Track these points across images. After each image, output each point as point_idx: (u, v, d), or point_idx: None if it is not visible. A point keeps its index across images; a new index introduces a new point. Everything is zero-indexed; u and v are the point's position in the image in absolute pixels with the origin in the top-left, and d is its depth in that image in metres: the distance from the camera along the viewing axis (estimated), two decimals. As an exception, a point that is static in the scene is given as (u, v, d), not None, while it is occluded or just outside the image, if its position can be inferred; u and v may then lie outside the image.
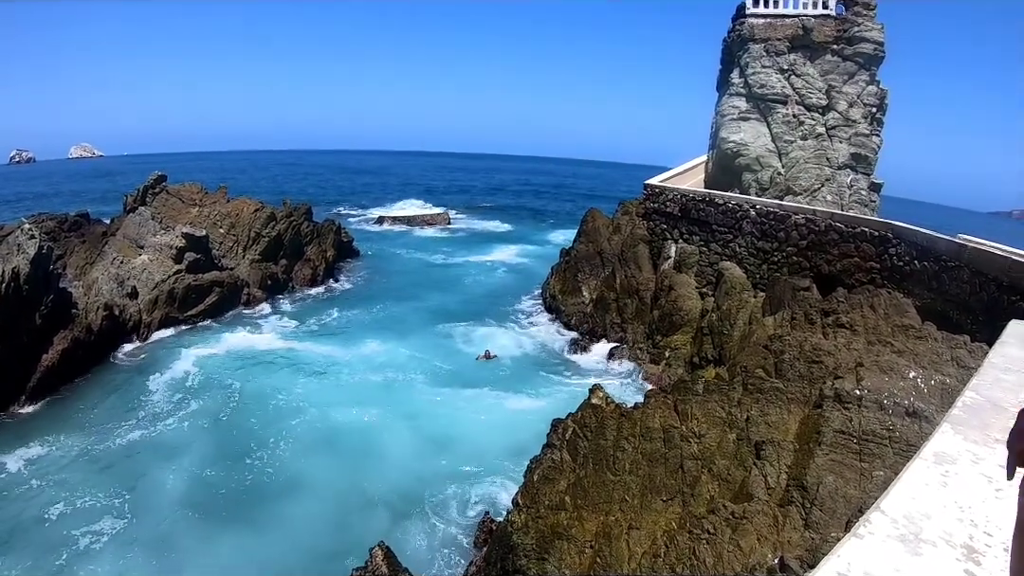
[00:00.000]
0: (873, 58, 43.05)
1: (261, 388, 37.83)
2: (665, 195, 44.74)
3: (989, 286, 23.84)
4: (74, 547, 24.43)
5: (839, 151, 42.83)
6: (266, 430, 33.17)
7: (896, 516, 4.96)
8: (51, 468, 29.62)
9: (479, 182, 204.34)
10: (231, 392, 37.18)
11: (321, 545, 24.63)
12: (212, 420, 34.20)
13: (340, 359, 42.30)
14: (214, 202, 57.21)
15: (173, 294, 45.99)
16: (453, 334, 47.61)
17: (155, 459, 30.38)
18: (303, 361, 41.80)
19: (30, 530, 25.38)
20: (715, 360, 32.72)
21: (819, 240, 34.46)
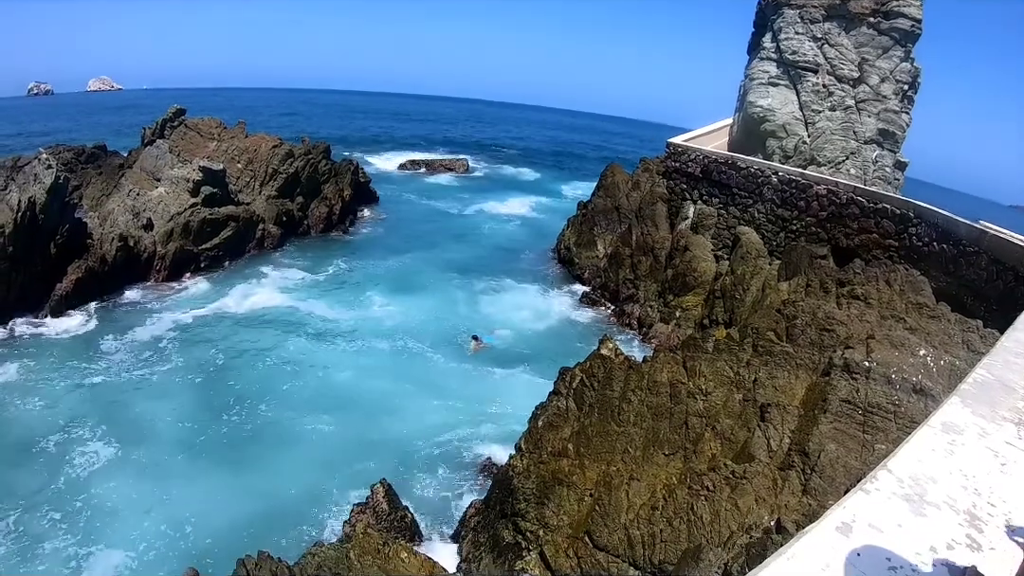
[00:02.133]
0: (909, 34, 42.48)
1: (267, 335, 38.14)
2: (687, 155, 44.52)
3: (1006, 275, 23.85)
4: (68, 469, 25.06)
5: (867, 125, 42.45)
6: (269, 377, 33.43)
7: (902, 476, 5.10)
8: (51, 391, 30.17)
9: (505, 131, 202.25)
10: (237, 339, 37.39)
11: (319, 485, 25.02)
12: (214, 364, 34.41)
13: (350, 309, 42.49)
14: (232, 137, 56.97)
15: (188, 227, 45.94)
16: (464, 286, 47.74)
17: (153, 395, 30.72)
18: (312, 310, 42.00)
19: (25, 450, 25.94)
20: (725, 323, 32.78)
21: (839, 212, 34.37)
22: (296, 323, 40.22)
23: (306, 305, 42.83)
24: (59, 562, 20.78)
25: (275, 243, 52.27)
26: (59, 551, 21.18)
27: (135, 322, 37.75)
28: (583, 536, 16.66)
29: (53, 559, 20.88)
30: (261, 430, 28.72)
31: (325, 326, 40.25)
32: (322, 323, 40.66)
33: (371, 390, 32.63)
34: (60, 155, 50.02)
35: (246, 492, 24.24)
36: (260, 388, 32.29)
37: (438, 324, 40.67)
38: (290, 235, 54.71)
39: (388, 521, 20.15)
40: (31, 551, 21.09)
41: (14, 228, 35.51)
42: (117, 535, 21.93)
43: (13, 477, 24.34)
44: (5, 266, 35.15)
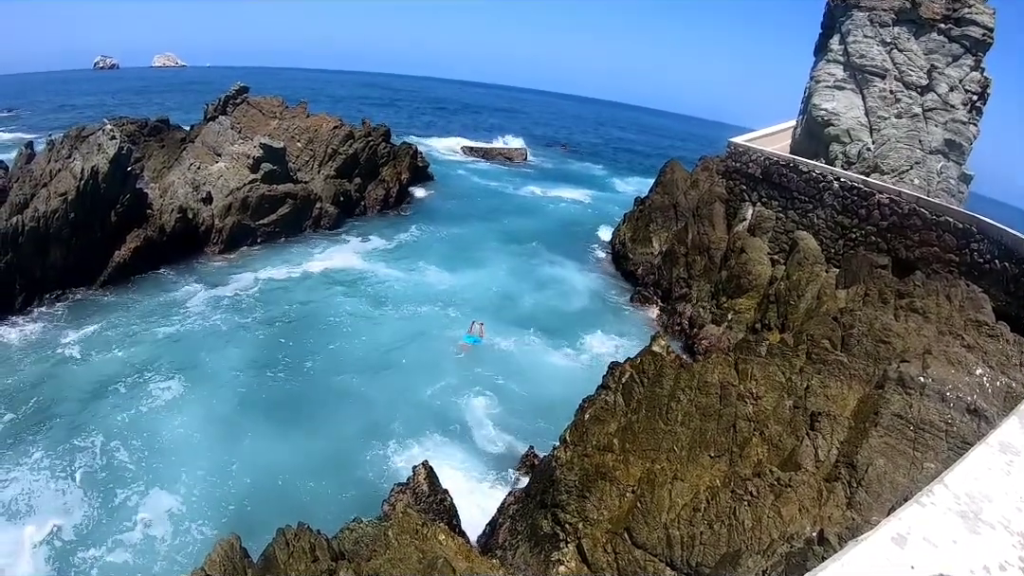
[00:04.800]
0: (980, 43, 41.55)
1: (320, 306, 39.17)
2: (748, 155, 44.19)
3: (1071, 299, 23.30)
4: (137, 411, 27.08)
5: (933, 135, 41.63)
6: (324, 345, 34.47)
7: (958, 492, 5.06)
8: (113, 346, 31.93)
9: (563, 123, 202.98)
10: (290, 306, 38.59)
11: (362, 452, 26.05)
12: (271, 329, 35.67)
13: (400, 285, 43.32)
14: (294, 116, 57.92)
15: (247, 202, 46.79)
16: (515, 272, 48.30)
17: (214, 353, 32.30)
18: (364, 283, 43.04)
19: (96, 394, 27.98)
20: (778, 329, 32.43)
21: (901, 223, 33.86)
22: (350, 290, 41.70)
23: (360, 274, 44.34)
24: (118, 500, 22.38)
25: (331, 222, 53.03)
26: (120, 488, 22.91)
27: (192, 289, 39.08)
28: (622, 532, 16.66)
29: (112, 497, 22.48)
30: (312, 390, 30.12)
31: (378, 293, 41.73)
32: (375, 290, 42.15)
33: (419, 361, 33.65)
34: (124, 127, 51.29)
35: (291, 451, 25.48)
36: (314, 351, 33.73)
37: (488, 303, 41.71)
38: (347, 215, 55.55)
39: (427, 503, 20.32)
40: (95, 487, 22.77)
41: (76, 195, 36.59)
42: (171, 478, 23.56)
43: (89, 415, 26.52)
44: (67, 232, 36.16)
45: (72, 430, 25.22)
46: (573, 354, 36.07)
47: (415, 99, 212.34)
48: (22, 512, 21.23)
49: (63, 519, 21.14)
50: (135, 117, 58.58)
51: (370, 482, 24.16)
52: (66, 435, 24.91)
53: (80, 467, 23.49)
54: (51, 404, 26.69)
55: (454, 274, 46.22)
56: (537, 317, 40.28)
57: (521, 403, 30.35)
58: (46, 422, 25.57)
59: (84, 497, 22.16)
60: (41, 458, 23.57)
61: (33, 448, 24.06)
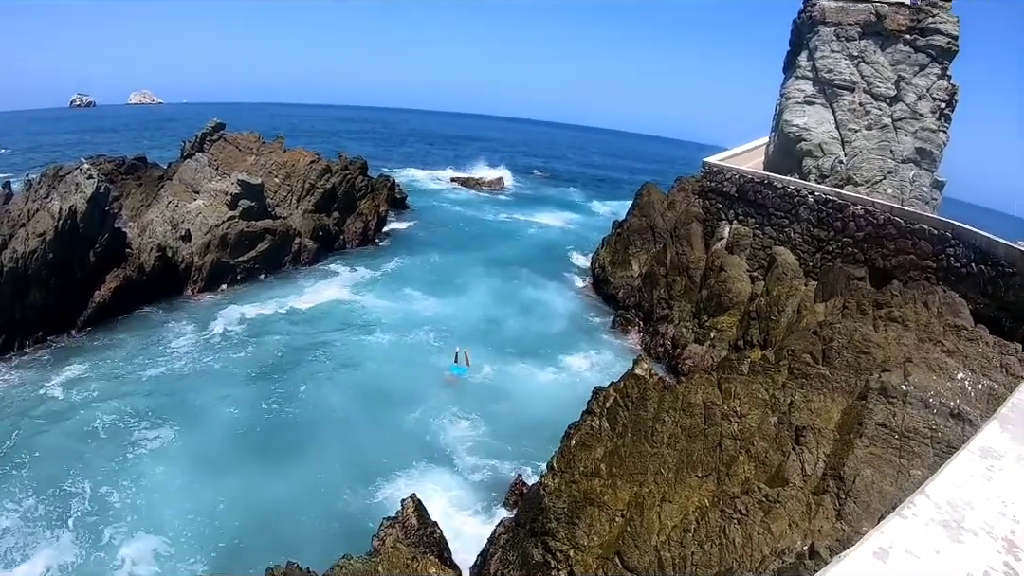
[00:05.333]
0: (946, 51, 42.03)
1: (305, 339, 38.95)
2: (723, 174, 44.41)
3: (1047, 297, 23.47)
4: (122, 453, 26.85)
5: (904, 144, 42.00)
6: (312, 378, 34.36)
7: (940, 502, 5.03)
8: (97, 390, 31.44)
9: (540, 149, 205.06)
10: (275, 342, 38.32)
11: (350, 487, 25.87)
12: (258, 365, 35.42)
13: (384, 316, 43.30)
14: (271, 152, 57.94)
15: (226, 239, 46.63)
16: (498, 298, 48.46)
17: (198, 392, 32.00)
18: (348, 315, 42.96)
19: (83, 438, 27.68)
20: (760, 345, 32.53)
21: (876, 233, 34.04)
22: (335, 322, 41.64)
23: (344, 306, 44.36)
24: (108, 541, 22.22)
25: (311, 257, 52.97)
26: (111, 530, 22.74)
27: (176, 329, 38.86)
28: (613, 557, 16.57)
29: (102, 539, 22.32)
30: (301, 425, 30.03)
31: (363, 323, 41.85)
32: (361, 320, 42.24)
33: (407, 390, 33.62)
34: (101, 165, 51.27)
35: (281, 488, 25.31)
36: (303, 385, 33.62)
37: (471, 330, 41.63)
38: (326, 249, 55.54)
39: (417, 536, 20.16)
40: (84, 529, 22.62)
41: (55, 235, 36.44)
42: (158, 519, 23.38)
43: (77, 460, 26.14)
44: (45, 272, 35.96)
45: (61, 475, 24.93)
46: (557, 377, 36.19)
47: (391, 131, 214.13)
48: (15, 558, 21.09)
49: (54, 562, 20.99)
50: (112, 155, 58.35)
51: (359, 515, 24.02)
52: (55, 480, 24.64)
53: (70, 511, 23.30)
54: (38, 450, 26.40)
55: (437, 301, 46.44)
56: (521, 341, 40.42)
57: (508, 428, 30.37)
58: (34, 468, 25.31)
59: (75, 540, 22.02)
60: (33, 505, 23.40)
61: (22, 494, 23.89)
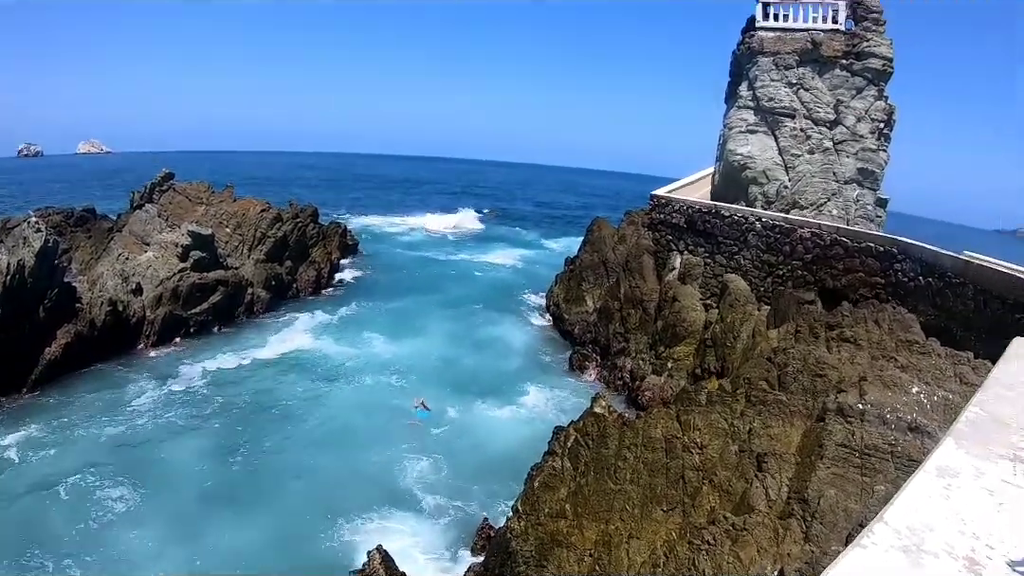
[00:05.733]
0: (881, 73, 42.94)
1: (266, 390, 38.33)
2: (671, 206, 44.74)
3: (993, 303, 23.83)
4: (85, 520, 25.66)
5: (846, 166, 42.71)
6: (278, 429, 33.85)
7: (899, 527, 4.98)
8: (55, 451, 30.44)
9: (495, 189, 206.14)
10: (236, 393, 37.62)
11: (321, 533, 25.48)
12: (217, 418, 34.74)
13: (344, 361, 42.90)
14: (221, 201, 57.47)
15: (177, 292, 45.88)
16: (456, 338, 48.27)
17: (162, 449, 31.20)
18: (308, 363, 42.36)
19: (42, 505, 26.50)
20: (717, 372, 32.63)
21: (824, 254, 34.44)
22: (296, 370, 41.02)
23: (304, 354, 43.74)
24: None
25: (264, 307, 52.31)
26: None
27: (133, 384, 37.87)
28: (584, 598, 16.38)
29: None
30: (270, 477, 29.35)
31: (324, 370, 41.27)
32: (321, 368, 41.68)
33: (371, 434, 33.30)
34: (49, 218, 50.76)
35: (252, 542, 24.68)
36: (269, 436, 32.99)
37: (429, 374, 41.23)
38: (280, 298, 54.85)
39: (386, 587, 19.81)
40: None
41: (2, 291, 35.66)
42: None
43: (36, 530, 24.86)
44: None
45: (18, 549, 23.80)
46: (518, 415, 36.04)
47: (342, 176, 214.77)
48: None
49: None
50: (61, 207, 57.72)
51: (329, 564, 23.60)
52: (14, 552, 23.60)
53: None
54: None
55: (396, 344, 46.14)
56: (480, 380, 40.26)
57: (472, 468, 30.09)
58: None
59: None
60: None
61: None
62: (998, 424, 7.53)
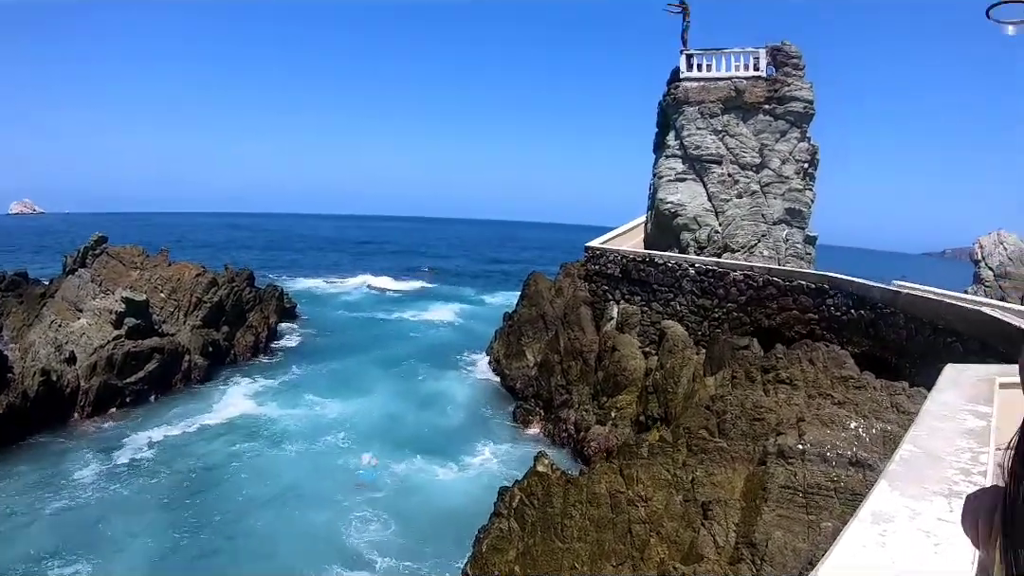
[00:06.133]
0: (803, 116, 44.04)
1: (210, 458, 37.26)
2: (606, 257, 45.11)
3: (924, 330, 24.29)
4: None
5: (774, 207, 43.52)
6: (220, 497, 32.86)
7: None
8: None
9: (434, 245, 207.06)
10: (181, 463, 36.45)
11: None
12: (164, 489, 33.60)
13: (289, 424, 42.15)
14: (155, 265, 56.21)
15: (112, 360, 44.50)
16: (399, 396, 47.72)
17: (110, 524, 29.85)
18: (251, 428, 41.42)
19: None
20: (661, 418, 32.67)
21: (758, 295, 34.88)
22: (240, 436, 39.99)
23: (247, 419, 42.74)
24: None
25: (202, 374, 50.84)
26: None
27: (70, 457, 36.51)
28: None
29: None
30: (223, 544, 28.52)
31: (269, 434, 40.46)
32: (266, 432, 40.85)
33: (319, 496, 32.54)
34: (-22, 283, 48.99)
35: None
36: (219, 503, 32.06)
37: (372, 433, 40.50)
38: (217, 365, 53.44)
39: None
40: None
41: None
42: None
43: None
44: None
45: None
46: (464, 473, 35.61)
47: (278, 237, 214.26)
48: None
49: None
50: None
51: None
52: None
53: None
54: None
55: (340, 405, 45.40)
56: (425, 438, 39.81)
57: (421, 529, 29.44)
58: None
59: None
60: None
61: None
62: (932, 459, 7.45)
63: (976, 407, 9.23)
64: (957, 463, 7.21)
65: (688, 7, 46.81)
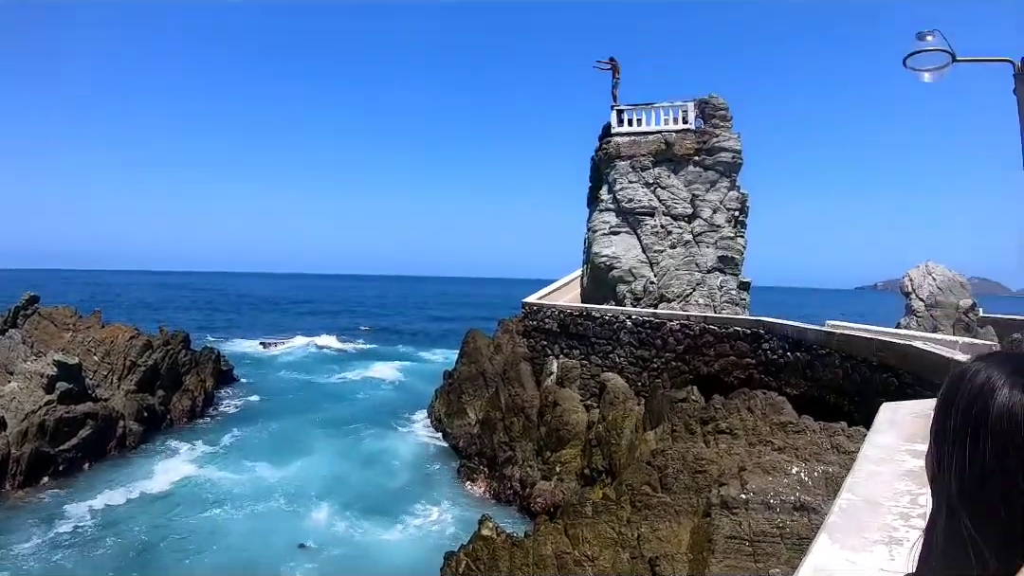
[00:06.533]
0: (732, 165, 44.91)
1: (150, 527, 35.66)
2: (543, 312, 45.21)
3: (860, 368, 24.64)
4: None
5: (707, 255, 44.10)
6: (161, 564, 31.55)
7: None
8: None
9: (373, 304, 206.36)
10: (121, 533, 34.78)
11: None
12: (104, 558, 31.99)
13: (232, 488, 40.82)
14: (88, 327, 54.57)
15: (44, 427, 42.53)
16: (342, 456, 46.82)
17: None
18: (193, 494, 39.93)
19: None
20: (606, 470, 32.59)
21: (695, 343, 35.16)
22: (183, 502, 38.60)
23: (185, 488, 41.04)
24: None
25: (137, 440, 48.92)
26: None
27: (7, 529, 34.44)
28: None
29: None
30: None
31: (213, 500, 38.99)
32: (210, 497, 39.39)
33: (266, 561, 31.41)
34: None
35: None
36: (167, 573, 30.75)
37: (322, 493, 39.16)
38: (153, 430, 51.54)
39: None
40: None
41: None
42: None
43: None
44: None
45: None
46: (411, 534, 34.82)
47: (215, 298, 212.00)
48: None
49: None
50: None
51: None
52: None
53: None
54: None
55: (282, 468, 44.15)
56: (370, 499, 38.89)
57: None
58: None
59: None
60: None
61: None
62: (871, 506, 7.40)
63: (913, 446, 9.27)
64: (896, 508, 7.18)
65: (618, 64, 47.83)
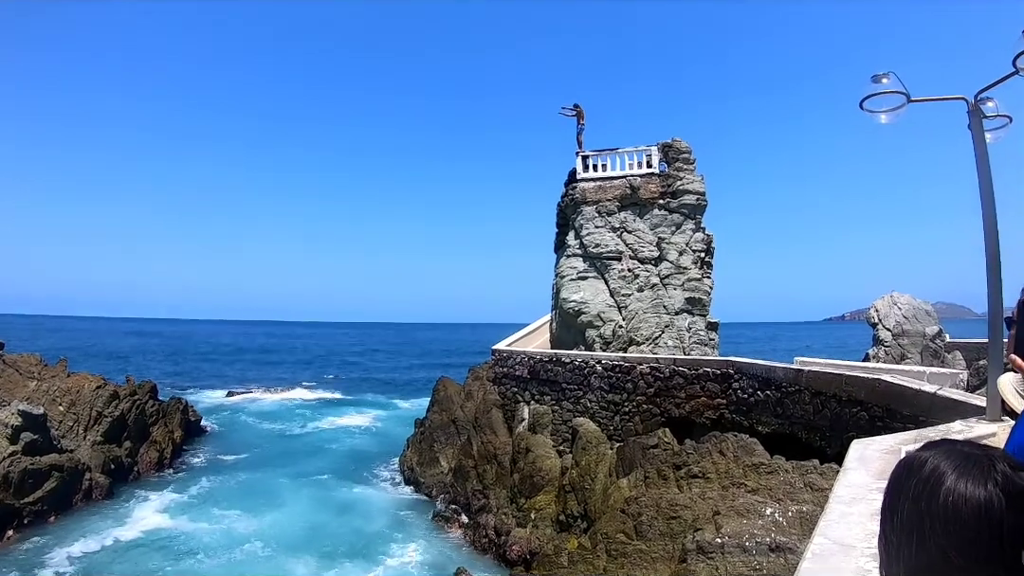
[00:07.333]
0: (697, 207, 45.46)
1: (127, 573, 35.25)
2: (513, 359, 45.27)
3: (830, 403, 24.79)
4: None
5: (674, 298, 44.45)
6: None
7: None
8: None
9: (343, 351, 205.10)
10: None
11: None
12: None
13: (204, 538, 39.86)
14: (54, 376, 53.57)
15: (8, 479, 41.39)
16: (316, 506, 46.14)
17: None
18: (164, 547, 38.86)
19: None
20: (581, 515, 32.49)
21: (666, 386, 35.30)
22: (146, 559, 37.22)
23: (154, 540, 39.97)
24: None
25: (103, 493, 47.73)
26: None
27: None
28: None
29: None
30: None
31: (186, 551, 38.08)
32: (182, 549, 38.46)
33: None
34: None
35: None
36: None
37: (295, 543, 38.16)
38: (120, 483, 50.30)
39: None
40: None
41: None
42: None
43: None
44: None
45: None
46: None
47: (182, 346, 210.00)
48: None
49: None
50: None
51: None
52: None
53: None
54: None
55: (256, 518, 43.33)
56: (345, 549, 38.18)
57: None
58: None
59: None
60: None
61: None
62: (844, 549, 7.53)
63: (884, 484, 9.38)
64: (869, 549, 7.30)
65: (582, 110, 48.51)
